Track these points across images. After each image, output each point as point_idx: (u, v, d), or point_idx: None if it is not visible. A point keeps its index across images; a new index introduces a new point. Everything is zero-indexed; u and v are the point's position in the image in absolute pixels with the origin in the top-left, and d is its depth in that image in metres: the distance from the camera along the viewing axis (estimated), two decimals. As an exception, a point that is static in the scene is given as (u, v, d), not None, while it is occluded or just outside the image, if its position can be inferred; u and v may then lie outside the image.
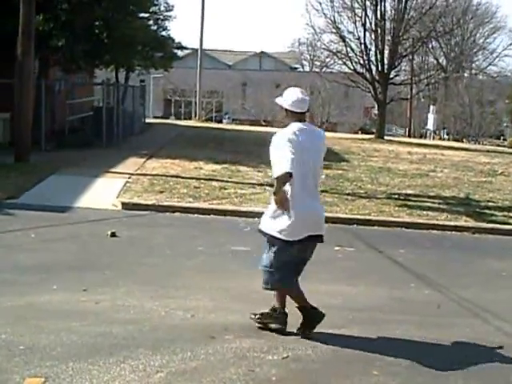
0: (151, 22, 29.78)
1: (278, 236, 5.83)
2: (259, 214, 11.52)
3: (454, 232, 11.62)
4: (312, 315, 5.93)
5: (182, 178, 14.46)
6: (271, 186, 13.94)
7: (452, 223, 11.96)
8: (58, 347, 5.36)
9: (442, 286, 7.87)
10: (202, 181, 14.23)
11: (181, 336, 5.77)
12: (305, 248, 5.90)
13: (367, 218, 11.89)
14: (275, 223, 5.85)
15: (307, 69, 61.04)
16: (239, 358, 5.36)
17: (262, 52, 76.50)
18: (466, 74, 70.74)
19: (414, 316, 6.73)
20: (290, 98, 5.92)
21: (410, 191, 14.85)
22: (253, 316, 6.13)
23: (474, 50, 74.03)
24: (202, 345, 5.58)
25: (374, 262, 9.06)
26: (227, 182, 14.35)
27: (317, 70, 46.05)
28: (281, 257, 5.85)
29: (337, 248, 9.59)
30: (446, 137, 58.65)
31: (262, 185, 14.25)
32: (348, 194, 13.87)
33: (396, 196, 14.07)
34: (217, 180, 14.43)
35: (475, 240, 11.33)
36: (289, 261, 5.86)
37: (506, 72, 74.97)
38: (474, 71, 73.97)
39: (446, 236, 11.37)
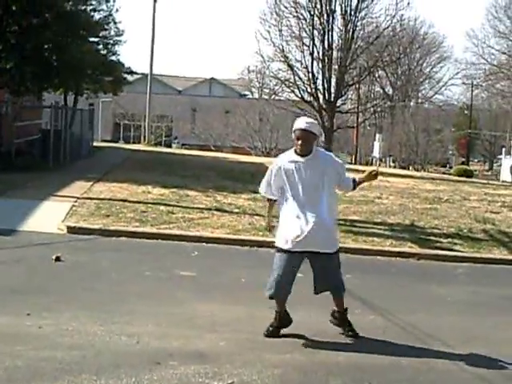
0: (101, 47, 29.71)
1: None
2: (207, 239, 11.63)
3: (398, 258, 11.76)
4: None
5: (130, 202, 14.38)
6: (219, 210, 13.99)
7: (397, 249, 12.10)
8: (0, 371, 5.28)
9: (387, 312, 7.96)
10: (150, 205, 14.16)
11: (125, 361, 5.73)
12: None
13: (314, 243, 11.94)
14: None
15: (256, 96, 61.44)
16: (184, 384, 5.36)
17: (212, 78, 76.92)
18: (412, 103, 72.05)
19: (359, 341, 6.79)
20: None
21: (355, 217, 14.99)
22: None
23: (421, 79, 75.53)
24: (146, 370, 5.54)
25: (320, 288, 9.10)
26: (175, 206, 14.31)
27: (266, 97, 46.40)
28: None
29: (284, 273, 9.62)
30: (392, 164, 59.53)
31: (209, 209, 14.24)
32: (295, 220, 13.91)
33: (342, 222, 14.17)
34: (164, 204, 14.38)
35: (420, 266, 11.49)
36: None
37: (452, 101, 76.82)
38: (420, 100, 75.40)
39: (391, 262, 11.51)
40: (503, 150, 49.90)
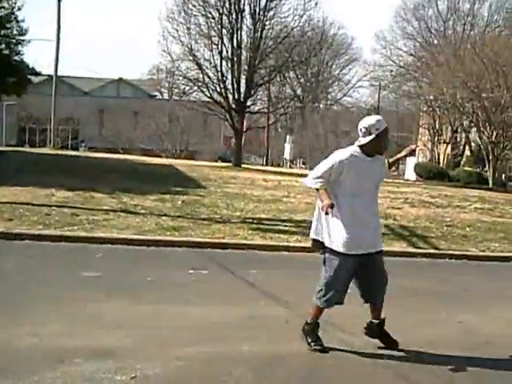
0: (3, 46, 28.94)
1: None
2: (112, 240, 11.55)
3: (303, 253, 11.97)
4: None
5: (33, 205, 14.10)
6: (125, 211, 13.90)
7: (302, 245, 12.31)
8: None
9: (290, 303, 8.13)
10: (54, 208, 13.93)
11: (28, 361, 5.68)
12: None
13: (221, 241, 12.07)
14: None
15: (166, 96, 61.13)
16: (87, 380, 5.36)
17: (120, 79, 75.80)
18: (321, 105, 73.14)
19: (262, 332, 6.93)
20: None
21: (263, 215, 15.19)
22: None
23: (330, 81, 76.75)
24: (49, 369, 5.52)
25: (227, 283, 9.22)
26: (79, 208, 14.13)
27: (176, 97, 46.25)
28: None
29: (191, 271, 9.70)
30: (302, 166, 60.26)
31: (115, 211, 14.13)
32: (203, 219, 14.02)
33: (250, 220, 14.36)
34: (69, 207, 14.17)
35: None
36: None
37: (360, 103, 78.17)
38: (329, 102, 76.62)
39: (296, 257, 11.72)
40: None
